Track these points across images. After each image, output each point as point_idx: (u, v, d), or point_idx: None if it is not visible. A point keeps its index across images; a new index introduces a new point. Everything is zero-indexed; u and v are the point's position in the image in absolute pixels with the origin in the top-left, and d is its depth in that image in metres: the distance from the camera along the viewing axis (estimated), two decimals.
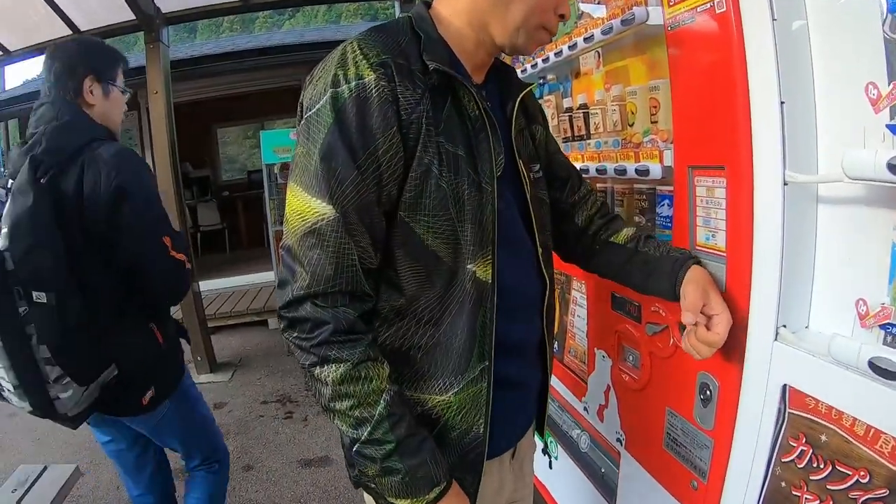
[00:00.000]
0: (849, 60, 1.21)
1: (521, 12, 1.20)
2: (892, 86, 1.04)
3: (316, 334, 1.10)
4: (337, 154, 1.08)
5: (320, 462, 3.94)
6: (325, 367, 1.11)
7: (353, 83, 1.08)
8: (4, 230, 1.67)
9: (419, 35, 1.18)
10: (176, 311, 6.38)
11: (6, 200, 1.71)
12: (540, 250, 1.43)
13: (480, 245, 1.20)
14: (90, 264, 1.86)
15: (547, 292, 1.46)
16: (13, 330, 1.67)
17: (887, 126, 1.07)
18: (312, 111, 1.11)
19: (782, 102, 1.25)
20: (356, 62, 1.09)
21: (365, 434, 1.13)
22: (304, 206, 1.10)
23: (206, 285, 4.71)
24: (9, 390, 1.76)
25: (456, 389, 1.24)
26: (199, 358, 5.93)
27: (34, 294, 1.68)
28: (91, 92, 2.01)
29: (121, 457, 2.34)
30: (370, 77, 1.08)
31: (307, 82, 1.18)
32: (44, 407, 1.79)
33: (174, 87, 5.70)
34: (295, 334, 1.13)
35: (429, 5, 1.29)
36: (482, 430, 1.28)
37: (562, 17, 1.27)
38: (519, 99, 1.38)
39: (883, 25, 1.10)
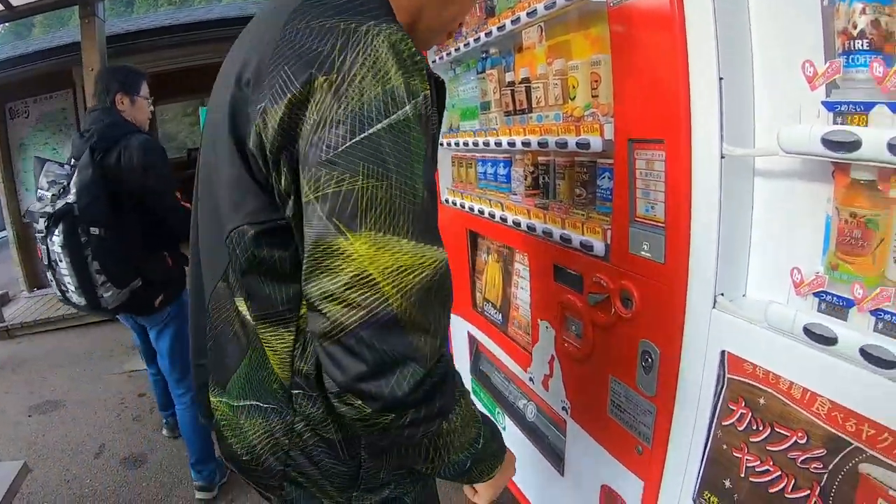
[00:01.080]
0: (787, 39, 1.23)
1: (451, 14, 1.14)
2: (828, 64, 1.06)
3: (442, 392, 0.91)
4: (431, 185, 0.89)
5: None
6: (454, 413, 0.99)
7: (423, 96, 0.87)
8: (74, 190, 2.59)
9: None
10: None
11: (73, 173, 2.63)
12: None
13: None
14: (126, 212, 2.77)
15: None
16: (78, 252, 2.60)
17: (823, 103, 1.09)
18: (384, 128, 0.83)
19: (721, 78, 1.26)
20: (419, 70, 0.88)
21: (481, 442, 1.09)
22: (411, 258, 0.83)
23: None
24: (72, 291, 2.69)
25: None
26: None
27: (91, 229, 2.61)
28: (122, 102, 2.97)
29: (143, 350, 3.54)
30: (428, 91, 0.89)
31: (322, 77, 0.84)
32: (93, 303, 2.72)
33: (110, 63, 5.43)
34: (412, 414, 0.88)
35: None
36: None
37: (460, 25, 1.31)
38: None
39: (820, 9, 1.12)
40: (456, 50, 2.73)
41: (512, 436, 2.60)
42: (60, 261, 2.63)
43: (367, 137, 0.81)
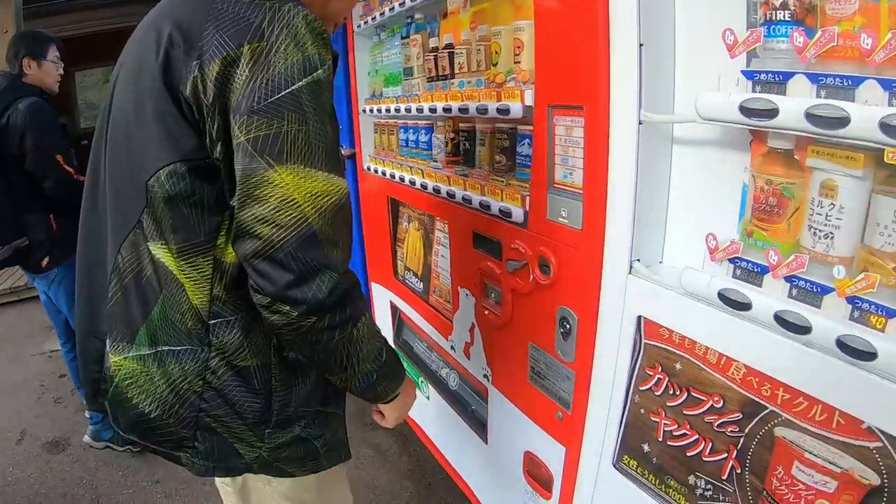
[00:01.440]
0: (709, 7, 1.21)
1: (335, 7, 1.31)
2: (749, 33, 1.05)
3: (351, 300, 1.09)
4: (335, 132, 1.10)
5: None
6: (360, 322, 1.13)
7: (328, 65, 1.07)
8: None
9: None
10: None
11: None
12: None
13: None
14: (9, 172, 2.86)
15: None
16: None
17: (742, 72, 1.09)
18: (304, 85, 1.02)
19: (641, 45, 1.24)
20: (326, 44, 1.08)
21: (384, 356, 1.24)
22: (325, 185, 1.03)
23: None
24: None
25: None
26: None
27: None
28: (29, 66, 3.05)
29: (45, 304, 3.41)
30: (331, 61, 1.09)
31: (248, 38, 1.01)
32: None
33: (26, 25, 5.12)
34: (329, 318, 1.06)
35: None
36: None
37: (345, 18, 1.43)
38: None
39: None
40: (381, 14, 2.66)
41: (436, 405, 2.61)
42: None
43: (290, 92, 1.01)
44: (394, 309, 3.03)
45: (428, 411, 2.77)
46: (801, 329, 1.02)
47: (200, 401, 1.17)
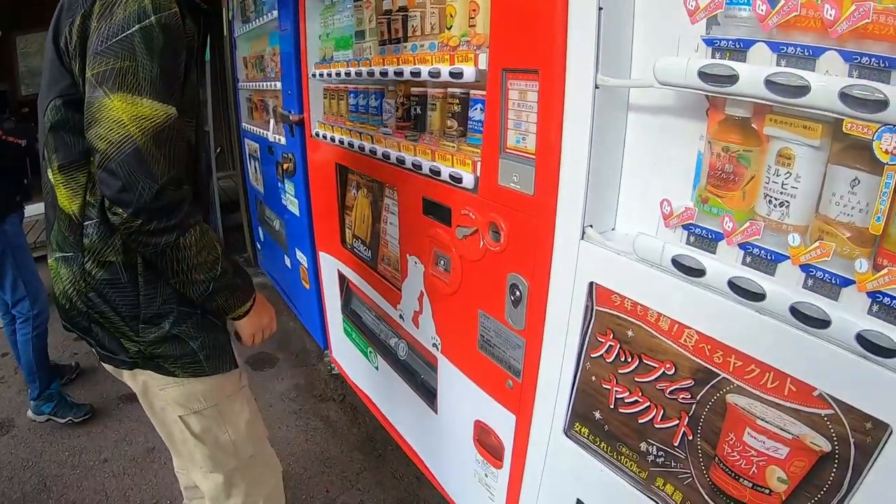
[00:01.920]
0: None
1: None
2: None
3: (177, 211, 1.28)
4: (168, 67, 1.27)
5: None
6: (188, 233, 1.31)
7: (168, 12, 1.26)
8: None
9: None
10: None
11: None
12: None
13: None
14: None
15: None
16: None
17: (702, 38, 1.07)
18: (136, 30, 1.22)
19: (600, 8, 1.21)
20: None
21: (219, 269, 1.40)
22: (149, 111, 1.22)
23: None
24: None
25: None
26: None
27: None
28: None
29: None
30: (175, 8, 1.28)
31: (103, 3, 1.25)
32: None
33: None
34: (155, 223, 1.25)
35: None
36: None
37: None
38: None
39: None
40: None
41: (385, 375, 2.59)
42: None
43: (125, 36, 1.21)
44: (341, 278, 2.98)
45: (377, 382, 2.76)
46: (755, 296, 1.02)
47: (87, 300, 1.45)
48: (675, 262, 1.12)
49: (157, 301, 1.45)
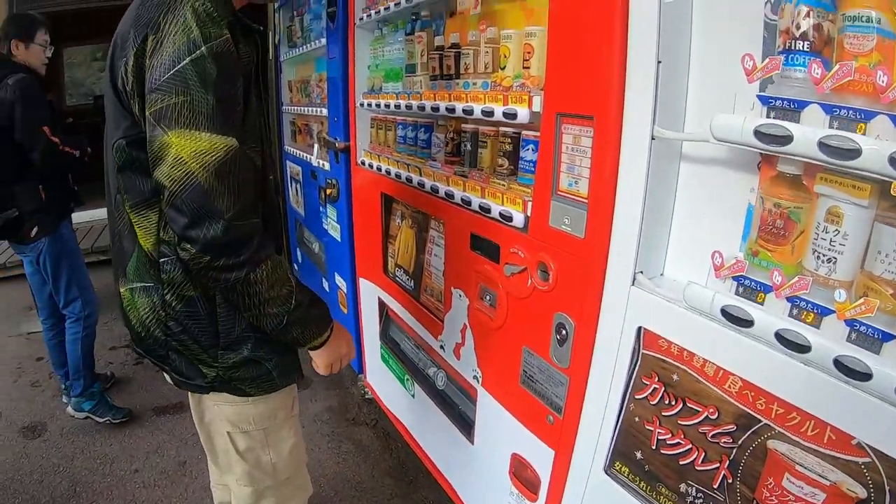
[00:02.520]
0: (728, 30, 1.24)
1: None
2: (767, 60, 1.08)
3: (247, 246, 1.29)
4: (224, 98, 1.27)
5: (175, 409, 3.67)
6: (260, 268, 1.32)
7: (219, 40, 1.25)
8: None
9: None
10: (10, 256, 6.10)
11: None
12: None
13: (266, 161, 1.56)
14: (2, 145, 3.05)
15: None
16: None
17: (758, 96, 1.11)
18: (188, 63, 1.22)
19: (659, 62, 1.26)
20: (214, 21, 1.27)
21: (293, 302, 1.41)
22: (208, 145, 1.22)
23: None
24: None
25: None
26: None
27: None
28: (17, 47, 3.21)
29: (31, 278, 3.57)
30: (227, 35, 1.28)
31: (149, 32, 1.26)
32: None
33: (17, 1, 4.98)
34: (224, 259, 1.27)
35: None
36: None
37: None
38: None
39: (764, 7, 1.13)
40: (385, 9, 2.64)
41: (421, 402, 2.62)
42: None
43: (177, 70, 1.22)
44: (381, 305, 3.03)
45: (412, 409, 2.79)
46: (801, 348, 1.06)
47: (166, 327, 1.47)
48: (725, 312, 1.16)
49: (236, 330, 1.48)
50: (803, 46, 1.04)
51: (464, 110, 2.00)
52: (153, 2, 1.28)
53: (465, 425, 2.26)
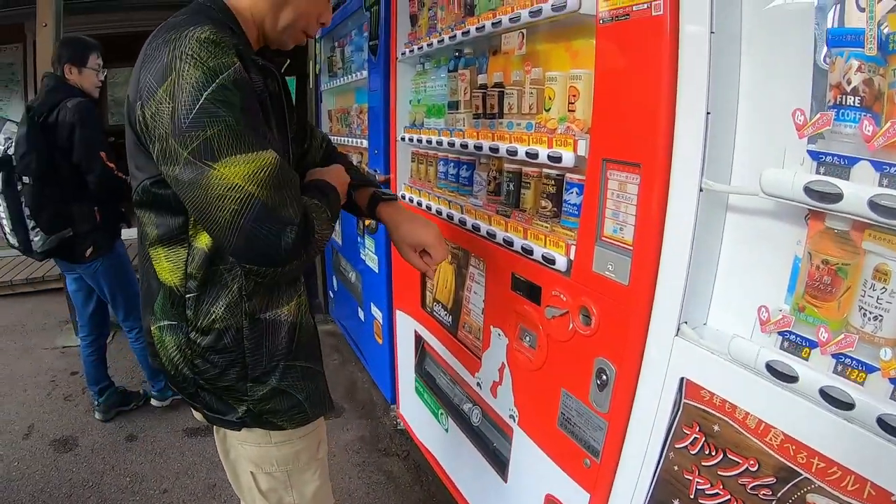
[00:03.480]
0: (777, 84, 1.26)
1: (289, 17, 1.49)
2: (818, 115, 1.09)
3: (311, 230, 1.31)
4: (252, 118, 1.26)
5: (207, 430, 3.65)
6: (315, 232, 1.32)
7: (232, 68, 1.23)
8: (12, 145, 3.20)
9: (232, 29, 1.38)
10: (53, 267, 6.25)
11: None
12: None
13: None
14: (57, 166, 3.22)
15: None
16: (14, 198, 3.20)
17: (809, 152, 1.12)
18: (208, 95, 1.19)
19: (708, 113, 1.29)
20: (225, 52, 1.24)
21: (329, 214, 1.42)
22: (254, 164, 1.21)
23: None
24: (8, 232, 3.27)
25: (300, 291, 1.56)
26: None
27: (24, 178, 3.16)
28: (70, 71, 3.37)
29: (75, 296, 3.78)
30: (238, 63, 1.25)
31: (163, 75, 1.22)
32: (24, 245, 3.29)
33: (65, 20, 5.16)
34: (304, 248, 1.28)
35: None
36: (314, 321, 1.65)
37: (322, 24, 1.58)
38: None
39: (815, 56, 1.15)
40: (429, 45, 2.69)
41: (455, 437, 2.63)
42: (1, 203, 3.25)
43: (201, 105, 1.18)
44: (418, 339, 3.06)
45: (445, 444, 2.80)
46: (845, 405, 1.06)
47: (193, 365, 1.47)
48: (769, 368, 1.17)
49: (264, 361, 1.48)
50: (854, 102, 1.05)
51: (507, 151, 2.03)
52: (158, 40, 1.26)
53: (499, 463, 2.26)
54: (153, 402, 4.06)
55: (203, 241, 1.38)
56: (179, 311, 1.44)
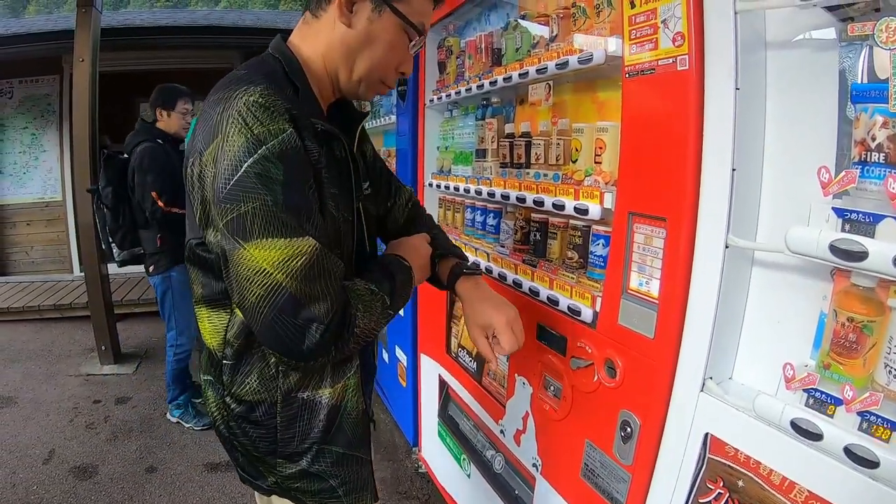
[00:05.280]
0: (802, 140, 1.29)
1: (365, 65, 1.37)
2: (844, 173, 1.10)
3: (348, 326, 1.20)
4: (295, 196, 1.15)
5: (227, 466, 3.74)
6: (357, 325, 1.22)
7: (280, 136, 1.14)
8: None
9: (295, 85, 1.30)
10: (81, 294, 6.52)
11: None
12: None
13: (348, 264, 1.37)
14: (131, 199, 3.97)
15: None
16: (101, 219, 4.10)
17: (834, 209, 1.13)
18: (249, 166, 1.11)
19: (734, 169, 1.30)
20: (272, 117, 1.14)
21: (388, 301, 1.32)
22: (287, 252, 1.12)
23: (115, 269, 4.44)
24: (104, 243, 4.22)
25: (349, 374, 1.44)
26: (102, 347, 5.54)
27: (102, 206, 4.03)
28: (161, 115, 4.10)
29: (160, 304, 4.25)
30: (290, 129, 1.16)
31: (210, 136, 1.16)
32: (109, 253, 4.21)
33: (102, 55, 5.39)
34: (333, 349, 1.19)
35: (285, 38, 1.40)
36: (364, 405, 1.52)
37: (402, 73, 1.45)
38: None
39: (839, 118, 1.18)
40: (457, 93, 2.74)
41: (476, 483, 2.62)
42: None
43: (240, 177, 1.10)
44: (442, 383, 3.07)
45: (467, 489, 2.78)
46: (870, 463, 1.06)
47: (228, 426, 1.43)
48: (794, 425, 1.17)
49: (295, 441, 1.40)
50: (879, 158, 1.06)
51: (534, 201, 2.05)
52: (214, 97, 1.20)
53: None
54: (168, 415, 4.45)
55: None
56: (217, 374, 1.40)
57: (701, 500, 1.41)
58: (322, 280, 1.15)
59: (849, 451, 1.09)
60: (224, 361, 1.37)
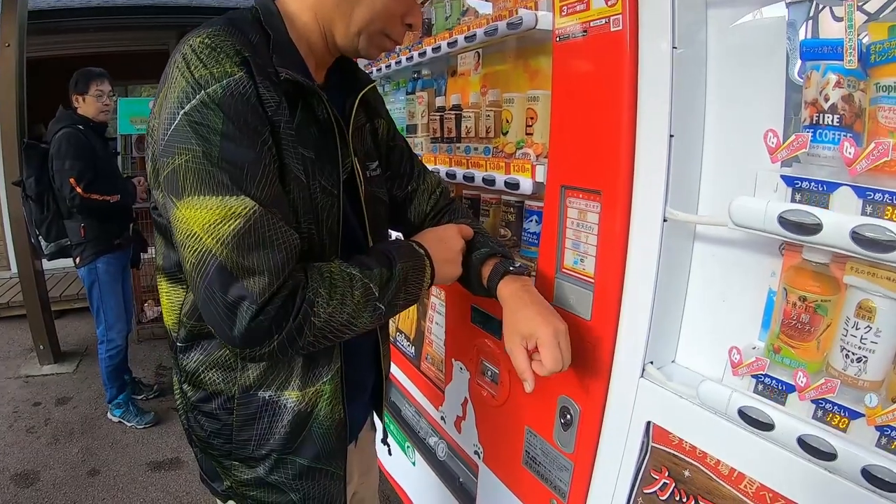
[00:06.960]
0: (747, 103, 1.18)
1: (364, 15, 1.17)
2: (794, 137, 0.99)
3: (294, 311, 1.01)
4: (238, 150, 0.99)
5: (171, 465, 3.66)
6: (313, 314, 1.03)
7: (225, 80, 0.99)
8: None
9: (268, 33, 1.11)
10: (19, 293, 5.93)
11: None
12: None
13: (331, 249, 1.19)
14: (46, 187, 3.84)
15: None
16: (28, 211, 3.99)
17: (783, 177, 1.02)
18: (181, 119, 0.98)
19: (671, 136, 1.20)
20: (218, 59, 1.00)
21: (375, 292, 1.12)
22: (217, 213, 0.97)
23: (51, 264, 4.23)
24: (33, 237, 4.14)
25: (325, 379, 1.25)
26: (41, 346, 5.30)
27: (29, 199, 3.91)
28: (77, 100, 3.89)
29: (88, 297, 4.11)
30: (239, 73, 1.01)
31: (161, 86, 1.05)
32: (38, 247, 4.11)
33: (29, 40, 5.07)
34: (273, 336, 1.01)
35: None
36: (343, 416, 1.30)
37: (409, 26, 1.25)
38: (360, 96, 1.33)
39: (787, 70, 1.08)
40: (387, 66, 2.64)
41: (422, 471, 2.53)
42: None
43: (175, 126, 0.98)
44: None
45: (413, 477, 2.69)
46: (826, 455, 0.97)
47: (187, 417, 1.29)
48: (742, 414, 1.07)
49: (251, 444, 1.23)
50: (833, 121, 0.96)
51: (464, 176, 1.96)
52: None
53: (467, 498, 2.15)
54: (109, 415, 4.27)
55: None
56: (175, 357, 1.25)
57: (646, 491, 1.32)
58: (261, 251, 0.98)
59: (803, 443, 1.00)
60: (178, 343, 1.22)
